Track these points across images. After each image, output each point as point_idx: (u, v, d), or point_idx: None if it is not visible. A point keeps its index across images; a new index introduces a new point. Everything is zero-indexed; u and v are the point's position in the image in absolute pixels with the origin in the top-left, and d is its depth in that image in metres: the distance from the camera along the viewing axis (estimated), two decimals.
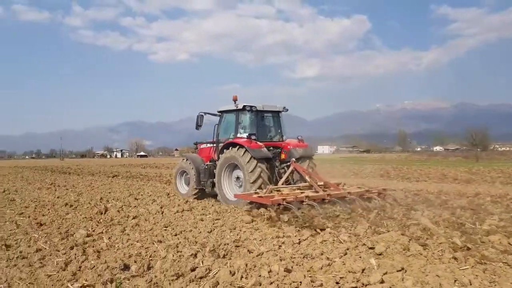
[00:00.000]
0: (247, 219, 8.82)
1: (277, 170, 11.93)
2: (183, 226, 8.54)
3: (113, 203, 12.18)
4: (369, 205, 9.95)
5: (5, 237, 7.94)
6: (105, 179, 23.99)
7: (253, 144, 11.23)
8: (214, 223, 8.70)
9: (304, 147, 12.27)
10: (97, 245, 7.17)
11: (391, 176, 23.78)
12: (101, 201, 12.89)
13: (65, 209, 11.38)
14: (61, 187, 18.65)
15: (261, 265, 5.68)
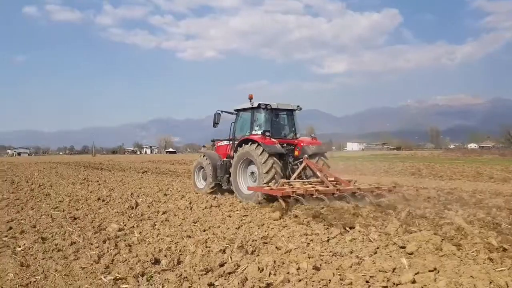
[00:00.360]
0: (275, 216, 8.85)
1: (290, 166, 12.33)
2: (212, 222, 8.64)
3: (143, 198, 12.42)
4: (379, 201, 10.12)
5: (41, 230, 8.22)
6: (135, 175, 24.48)
7: (267, 141, 11.66)
8: (242, 220, 8.77)
9: (316, 144, 12.62)
10: (129, 239, 7.34)
11: (422, 174, 23.29)
12: (132, 196, 13.17)
13: (97, 203, 11.70)
14: (94, 182, 19.18)
15: (290, 262, 5.68)
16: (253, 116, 12.81)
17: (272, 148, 11.50)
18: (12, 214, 10.12)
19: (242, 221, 8.64)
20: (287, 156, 12.38)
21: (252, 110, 12.86)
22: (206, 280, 5.19)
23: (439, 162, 39.63)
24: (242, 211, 9.74)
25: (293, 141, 12.74)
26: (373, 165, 32.90)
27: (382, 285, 4.84)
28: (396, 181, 17.21)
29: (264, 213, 9.40)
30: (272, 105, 12.64)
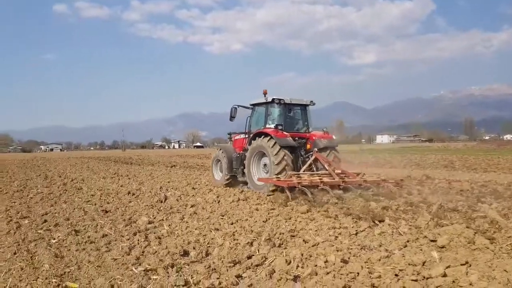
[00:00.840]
0: (303, 209, 8.87)
1: (301, 159, 12.90)
2: (239, 215, 8.74)
3: (172, 192, 12.66)
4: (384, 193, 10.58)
5: (74, 223, 8.50)
6: (164, 169, 24.89)
7: (279, 134, 12.25)
8: (269, 213, 8.83)
9: (328, 138, 13.17)
10: (158, 231, 7.51)
11: (456, 166, 22.77)
12: (161, 190, 13.41)
13: (127, 197, 11.99)
14: (124, 176, 19.62)
15: (317, 255, 5.70)
16: (267, 110, 13.42)
17: (284, 141, 12.07)
18: (47, 208, 10.49)
19: (269, 214, 8.69)
20: (299, 149, 12.94)
21: (267, 105, 13.45)
22: (234, 271, 5.27)
23: (473, 154, 38.61)
24: (269, 205, 9.79)
25: (305, 135, 13.28)
26: (404, 157, 32.36)
27: (412, 278, 4.81)
28: (428, 173, 16.90)
29: (292, 207, 9.41)
30: (285, 100, 13.19)
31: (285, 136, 12.32)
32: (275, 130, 12.50)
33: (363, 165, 22.25)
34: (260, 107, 13.99)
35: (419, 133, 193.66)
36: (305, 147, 13.23)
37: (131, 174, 21.24)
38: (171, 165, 28.86)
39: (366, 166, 21.47)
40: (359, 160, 26.44)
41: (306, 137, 13.32)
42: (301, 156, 13.09)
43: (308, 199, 9.96)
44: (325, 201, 9.71)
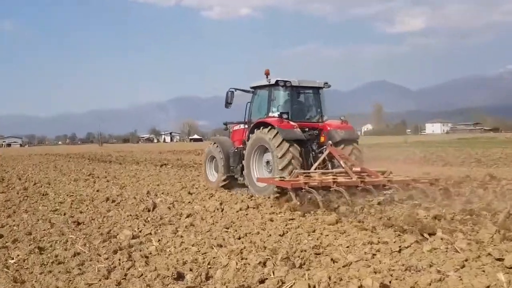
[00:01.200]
0: (330, 220, 8.88)
1: (313, 154, 13.38)
2: (248, 227, 8.77)
3: (162, 198, 12.75)
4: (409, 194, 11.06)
5: (38, 238, 8.58)
6: (153, 169, 25.13)
7: (284, 124, 12.71)
8: (287, 224, 8.83)
9: (347, 129, 13.62)
10: (145, 249, 7.57)
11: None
12: (149, 195, 13.54)
13: (106, 205, 12.10)
14: (101, 178, 19.83)
15: (349, 278, 5.69)
16: (271, 95, 13.90)
17: (289, 133, 12.53)
18: (3, 219, 10.61)
19: (287, 226, 8.69)
20: (310, 143, 13.48)
21: (270, 88, 13.91)
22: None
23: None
24: (287, 214, 9.81)
25: (318, 125, 13.79)
26: (462, 152, 32.14)
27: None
28: (492, 172, 16.77)
29: (317, 216, 9.44)
30: (292, 82, 13.67)
31: (291, 127, 12.72)
32: (278, 120, 12.88)
33: (408, 163, 22.20)
34: (262, 90, 14.38)
35: (480, 120, 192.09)
36: (318, 140, 13.62)
37: (111, 175, 21.45)
38: (161, 164, 29.07)
39: (410, 164, 21.52)
40: (403, 156, 26.26)
41: (320, 128, 13.72)
42: (313, 151, 13.48)
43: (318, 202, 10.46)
44: (336, 205, 10.38)
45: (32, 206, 12.40)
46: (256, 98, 14.70)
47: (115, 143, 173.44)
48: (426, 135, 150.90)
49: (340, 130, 13.53)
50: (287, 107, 13.59)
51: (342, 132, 13.47)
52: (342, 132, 13.45)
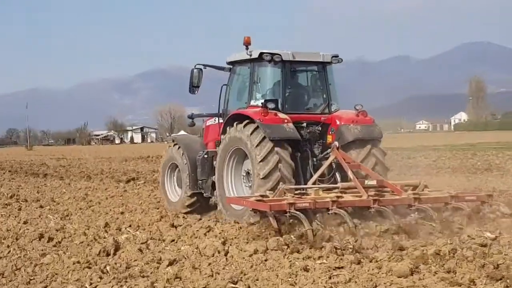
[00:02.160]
0: (401, 269, 8.70)
1: (314, 161, 14.37)
2: (270, 281, 8.69)
3: (130, 235, 12.64)
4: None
5: None
6: (113, 187, 25.07)
7: (270, 117, 13.39)
8: (331, 277, 8.73)
9: (365, 123, 14.41)
10: None
11: None
12: (107, 230, 13.46)
13: (39, 245, 11.94)
14: (31, 202, 19.73)
15: None
16: (253, 74, 14.63)
17: (276, 130, 13.24)
18: None
19: (332, 280, 8.59)
20: (311, 144, 14.47)
21: (252, 65, 14.68)
22: None
23: None
24: (331, 259, 9.67)
25: (324, 118, 14.69)
26: None
27: None
28: None
29: (379, 261, 9.32)
30: (283, 56, 14.30)
31: (279, 121, 13.44)
32: (262, 111, 13.50)
33: None
34: (242, 68, 15.05)
35: None
36: (324, 139, 14.54)
37: (46, 197, 21.38)
38: (127, 178, 29.00)
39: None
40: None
41: (326, 123, 14.60)
42: (314, 156, 14.45)
43: (304, 232, 11.11)
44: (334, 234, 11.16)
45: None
46: (235, 79, 15.39)
47: (53, 145, 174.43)
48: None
49: (355, 125, 14.14)
50: (277, 92, 14.44)
51: (357, 128, 14.11)
52: (357, 128, 14.10)
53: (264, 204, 11.74)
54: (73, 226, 13.98)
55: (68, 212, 16.98)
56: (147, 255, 10.57)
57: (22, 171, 39.27)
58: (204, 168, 15.08)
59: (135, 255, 10.62)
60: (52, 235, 12.78)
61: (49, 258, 10.61)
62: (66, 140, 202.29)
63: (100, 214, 16.19)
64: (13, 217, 16.14)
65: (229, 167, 14.22)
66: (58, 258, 10.59)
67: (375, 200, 12.19)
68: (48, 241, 12.34)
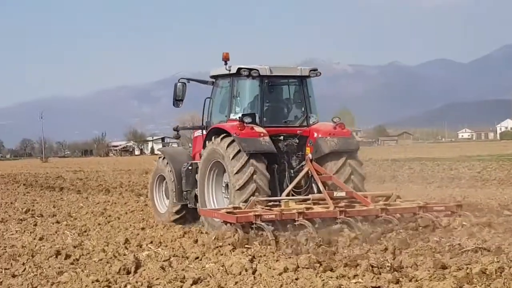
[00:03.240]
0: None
1: (291, 173, 15.73)
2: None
3: (151, 251, 12.64)
4: None
5: None
6: (134, 201, 25.12)
7: (246, 131, 14.71)
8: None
9: (343, 135, 15.68)
10: None
11: None
12: (127, 246, 13.48)
13: (56, 263, 11.96)
14: (47, 218, 19.84)
15: None
16: (232, 89, 16.15)
17: (251, 143, 14.55)
18: None
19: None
20: (289, 157, 15.83)
21: (231, 79, 16.21)
22: None
23: None
24: (366, 278, 9.62)
25: (299, 131, 16.06)
26: None
27: None
28: None
29: (419, 282, 9.13)
30: (261, 71, 15.74)
31: (255, 136, 14.75)
32: (238, 125, 14.83)
33: None
34: (223, 82, 16.88)
35: None
36: (303, 151, 15.84)
37: (62, 212, 21.51)
38: (148, 192, 28.74)
39: None
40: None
41: (304, 135, 15.96)
42: (291, 168, 15.79)
43: (268, 241, 12.46)
44: (303, 245, 12.23)
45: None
46: (218, 92, 17.15)
47: (69, 157, 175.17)
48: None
49: (331, 137, 15.44)
50: (255, 106, 15.88)
51: (333, 140, 15.39)
52: (333, 141, 15.37)
53: (232, 216, 13.13)
54: (91, 243, 14.03)
55: (86, 227, 17.05)
56: (170, 273, 10.51)
57: (38, 184, 39.50)
58: (189, 179, 16.42)
59: (157, 273, 10.56)
60: (70, 252, 12.82)
61: (66, 277, 10.59)
62: (83, 151, 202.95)
63: (119, 230, 16.20)
64: (28, 233, 16.23)
65: (209, 179, 15.64)
66: (76, 277, 10.58)
67: (342, 211, 13.55)
68: (65, 258, 12.34)
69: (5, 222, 18.94)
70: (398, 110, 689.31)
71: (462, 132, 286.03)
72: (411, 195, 20.99)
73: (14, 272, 11.38)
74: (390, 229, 13.26)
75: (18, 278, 10.80)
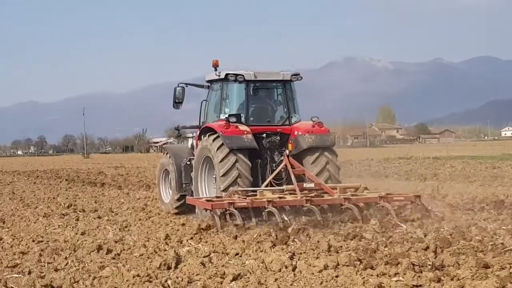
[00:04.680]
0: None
1: (272, 166, 17.59)
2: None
3: (191, 247, 12.71)
4: None
5: None
6: None
7: (231, 129, 16.71)
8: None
9: (320, 133, 17.58)
10: None
11: None
12: (168, 242, 13.55)
13: (97, 257, 12.14)
14: (88, 213, 20.07)
15: None
16: (222, 92, 18.32)
17: (234, 140, 16.52)
18: None
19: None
20: (271, 152, 17.82)
21: (221, 83, 18.41)
22: None
23: None
24: (407, 276, 9.53)
25: (279, 130, 18.03)
26: None
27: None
28: None
29: (461, 281, 9.09)
30: (246, 76, 17.86)
31: (239, 133, 16.71)
32: (224, 124, 16.82)
33: None
34: (216, 86, 18.94)
35: None
36: (285, 147, 17.72)
37: (104, 207, 21.70)
38: None
39: None
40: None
41: (286, 133, 17.97)
42: (274, 162, 17.72)
43: (238, 224, 14.31)
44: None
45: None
46: (212, 95, 19.21)
47: (110, 153, 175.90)
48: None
49: (310, 134, 17.38)
50: (242, 107, 17.96)
51: (311, 137, 17.33)
52: (311, 138, 17.31)
53: (209, 203, 15.05)
54: (132, 238, 14.17)
55: (127, 223, 17.21)
56: (210, 269, 10.56)
57: (79, 180, 39.87)
58: (187, 173, 18.56)
59: (197, 269, 10.62)
60: (111, 247, 12.95)
61: (108, 271, 10.70)
62: (124, 147, 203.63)
63: (160, 226, 16.34)
64: (70, 227, 16.40)
65: (202, 172, 17.71)
66: (117, 271, 10.66)
67: (307, 200, 15.32)
68: (106, 253, 12.49)
69: (48, 216, 19.11)
70: (440, 108, 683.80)
71: (505, 130, 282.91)
72: (452, 192, 21.02)
73: (56, 266, 11.51)
74: (352, 217, 15.16)
75: (60, 272, 10.91)
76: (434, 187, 22.91)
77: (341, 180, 18.08)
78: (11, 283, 10.24)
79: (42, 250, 13.04)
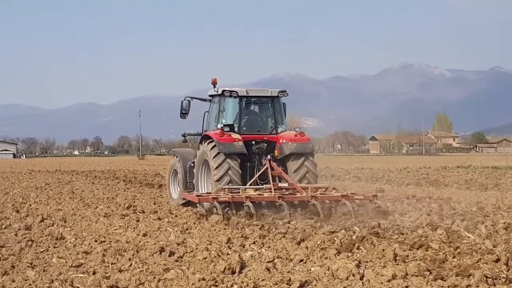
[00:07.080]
0: None
1: (259, 169, 20.58)
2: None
3: (255, 252, 12.66)
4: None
5: None
6: None
7: (225, 137, 19.94)
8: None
9: (302, 141, 20.76)
10: None
11: None
12: (230, 246, 13.51)
13: (161, 259, 12.13)
14: (148, 214, 20.16)
15: None
16: (220, 105, 21.88)
17: (227, 147, 19.69)
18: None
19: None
20: (259, 157, 21.02)
21: (220, 98, 21.93)
22: None
23: None
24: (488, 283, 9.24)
25: (265, 138, 21.36)
26: None
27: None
28: None
29: None
30: (239, 92, 21.32)
31: (231, 141, 19.88)
32: (219, 133, 20.04)
33: None
34: (215, 100, 22.40)
35: None
36: (273, 153, 20.97)
37: (163, 209, 21.78)
38: None
39: None
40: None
41: (273, 140, 21.24)
42: (261, 166, 20.70)
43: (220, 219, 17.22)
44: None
45: (40, 258, 12.63)
46: (212, 107, 22.71)
47: (165, 155, 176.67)
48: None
49: (292, 142, 20.50)
50: (235, 118, 21.35)
51: (293, 145, 20.45)
52: (293, 145, 20.44)
53: (196, 197, 18.59)
54: (194, 241, 14.13)
55: (187, 225, 17.17)
56: (276, 275, 10.48)
57: (137, 181, 40.30)
58: (192, 173, 22.01)
59: (262, 274, 10.55)
60: (174, 249, 12.94)
61: (172, 274, 10.71)
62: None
63: (220, 229, 16.16)
64: (131, 228, 16.40)
65: (202, 173, 21.24)
66: (182, 274, 10.68)
67: (279, 197, 18.25)
68: (169, 255, 12.47)
69: (109, 217, 19.19)
70: (498, 117, 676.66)
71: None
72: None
73: (120, 267, 11.56)
74: (314, 212, 18.06)
75: (125, 273, 10.95)
76: (498, 198, 22.57)
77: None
78: (77, 283, 10.29)
79: (105, 250, 13.13)
